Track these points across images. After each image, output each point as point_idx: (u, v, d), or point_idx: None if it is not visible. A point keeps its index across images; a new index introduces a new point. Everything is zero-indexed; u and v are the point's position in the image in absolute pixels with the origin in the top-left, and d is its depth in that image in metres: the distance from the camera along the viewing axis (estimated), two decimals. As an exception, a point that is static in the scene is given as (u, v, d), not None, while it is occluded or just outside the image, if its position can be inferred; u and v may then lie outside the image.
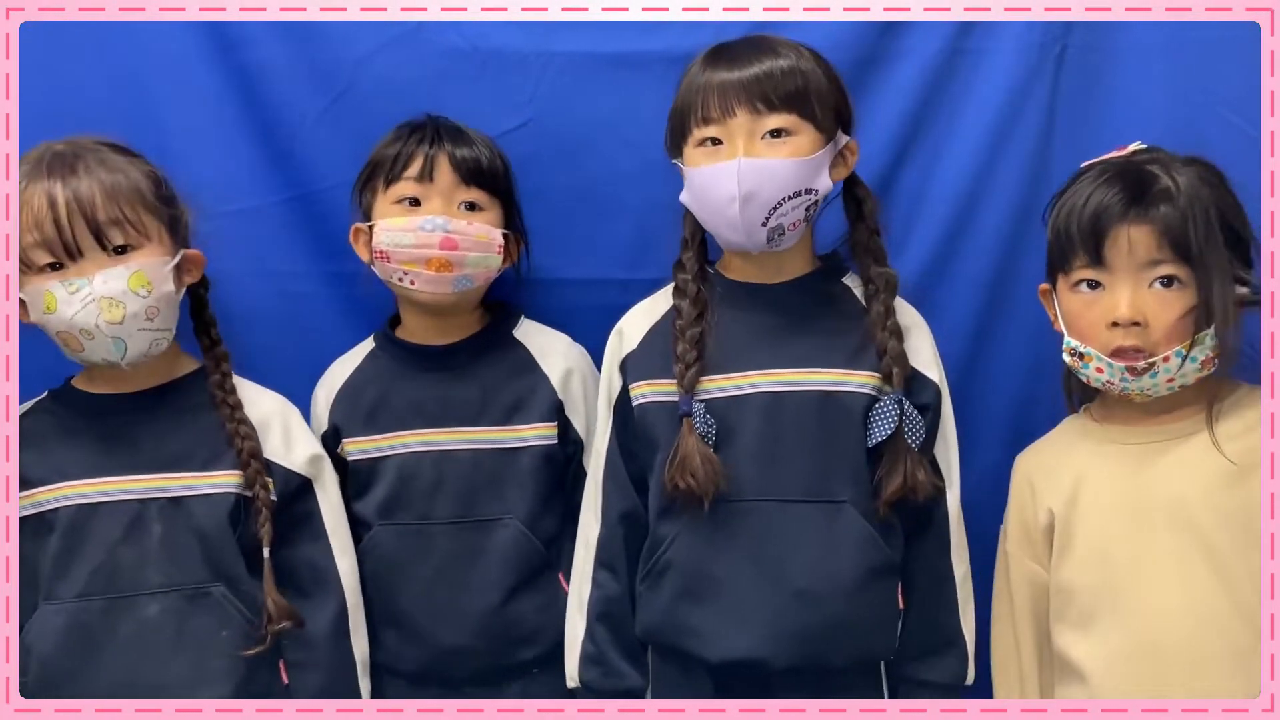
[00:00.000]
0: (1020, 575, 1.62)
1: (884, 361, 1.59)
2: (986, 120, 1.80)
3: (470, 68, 1.83)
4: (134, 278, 1.50)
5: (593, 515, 1.67)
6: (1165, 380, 1.49)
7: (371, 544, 1.71)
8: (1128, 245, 1.47)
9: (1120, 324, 1.48)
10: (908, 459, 1.56)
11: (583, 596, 1.65)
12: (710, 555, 1.57)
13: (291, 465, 1.63)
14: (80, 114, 1.79)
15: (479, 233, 1.68)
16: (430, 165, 1.67)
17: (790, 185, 1.55)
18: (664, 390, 1.61)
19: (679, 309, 1.63)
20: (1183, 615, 1.47)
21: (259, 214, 1.82)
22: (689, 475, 1.53)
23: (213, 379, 1.62)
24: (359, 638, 1.64)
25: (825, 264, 1.69)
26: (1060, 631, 1.56)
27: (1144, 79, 1.76)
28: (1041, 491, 1.59)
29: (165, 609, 1.53)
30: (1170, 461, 1.52)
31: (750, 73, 1.55)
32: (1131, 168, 1.52)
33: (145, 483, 1.56)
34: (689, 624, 1.57)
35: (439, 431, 1.72)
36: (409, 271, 1.67)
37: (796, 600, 1.54)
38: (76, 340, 1.51)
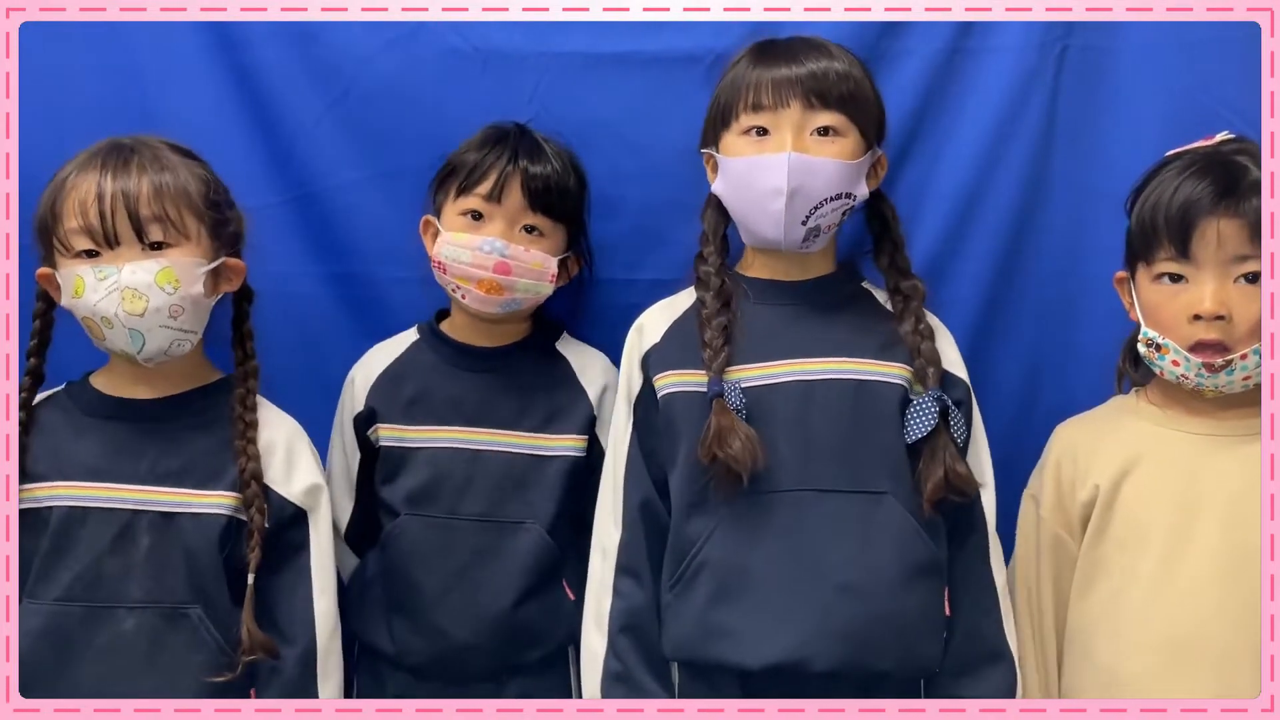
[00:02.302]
0: (1049, 542, 1.59)
1: (918, 363, 1.56)
2: (986, 120, 1.80)
3: (471, 68, 1.83)
4: (162, 273, 1.51)
5: (611, 520, 1.62)
6: (1241, 378, 1.47)
7: (397, 531, 1.71)
8: (1216, 239, 1.45)
9: (1204, 317, 1.45)
10: (948, 455, 1.52)
11: (602, 609, 1.58)
12: (746, 550, 1.51)
13: (289, 494, 1.61)
14: (81, 113, 1.81)
15: (535, 260, 1.69)
16: (501, 186, 1.68)
17: (835, 186, 1.54)
18: (691, 380, 1.57)
19: (703, 300, 1.61)
20: (1217, 613, 1.46)
21: (259, 214, 1.80)
22: (726, 447, 1.47)
23: (237, 392, 1.62)
24: (329, 684, 1.59)
25: (843, 268, 1.68)
26: (1083, 609, 1.55)
27: (1144, 79, 1.76)
28: (1087, 465, 1.57)
29: (141, 625, 1.51)
30: (1232, 457, 1.50)
31: (806, 69, 1.55)
32: (1220, 158, 1.49)
33: (140, 494, 1.54)
34: (726, 627, 1.50)
35: (475, 431, 1.73)
36: (461, 286, 1.69)
37: (839, 595, 1.48)
38: (98, 327, 1.52)
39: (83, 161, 1.54)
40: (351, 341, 1.84)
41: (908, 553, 1.51)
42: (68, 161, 1.56)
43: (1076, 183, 1.79)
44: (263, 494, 1.57)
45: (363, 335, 1.84)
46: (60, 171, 1.55)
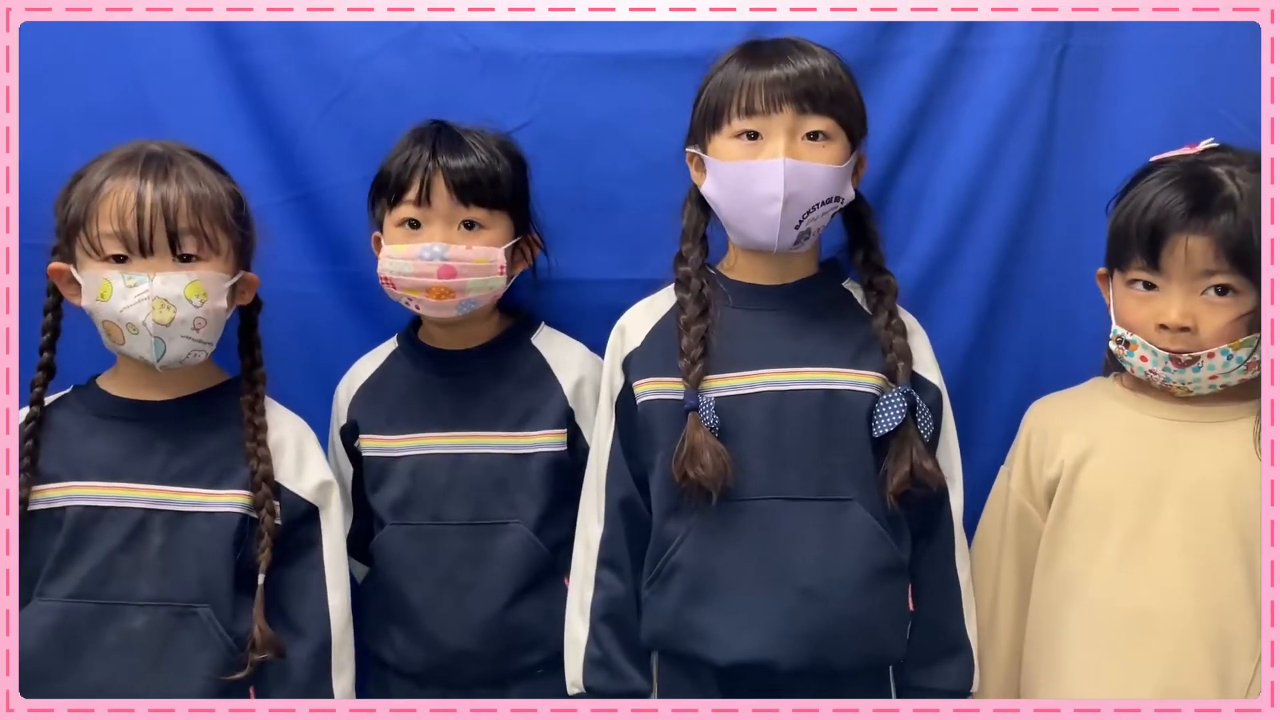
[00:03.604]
0: (1015, 514, 1.62)
1: (889, 357, 1.59)
2: (986, 120, 1.81)
3: (471, 69, 1.83)
4: (191, 286, 1.53)
5: (594, 514, 1.66)
6: (1209, 376, 1.49)
7: (384, 541, 1.72)
8: (1184, 255, 1.47)
9: (1169, 328, 1.48)
10: (913, 450, 1.56)
11: (585, 599, 1.63)
12: (717, 555, 1.56)
13: (300, 491, 1.62)
14: (80, 114, 1.81)
15: (478, 256, 1.67)
16: (427, 188, 1.66)
17: (826, 191, 1.56)
18: (669, 388, 1.60)
19: (682, 304, 1.63)
20: (1179, 593, 1.48)
21: (259, 214, 1.81)
22: (698, 466, 1.53)
23: (245, 398, 1.63)
24: (343, 676, 1.61)
25: (826, 269, 1.69)
26: (1045, 585, 1.57)
27: (1144, 79, 1.77)
28: (1056, 443, 1.60)
29: (151, 622, 1.53)
30: (1199, 442, 1.52)
31: (795, 70, 1.55)
32: (1198, 171, 1.51)
33: (154, 493, 1.56)
34: (697, 626, 1.56)
35: (453, 435, 1.72)
36: (412, 298, 1.68)
37: (803, 599, 1.53)
38: (120, 332, 1.53)
39: (117, 165, 1.55)
40: (351, 341, 1.85)
41: (871, 556, 1.56)
42: (96, 160, 1.57)
43: (1076, 183, 1.80)
44: (274, 495, 1.58)
45: (362, 335, 1.85)
46: (89, 170, 1.56)
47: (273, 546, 1.57)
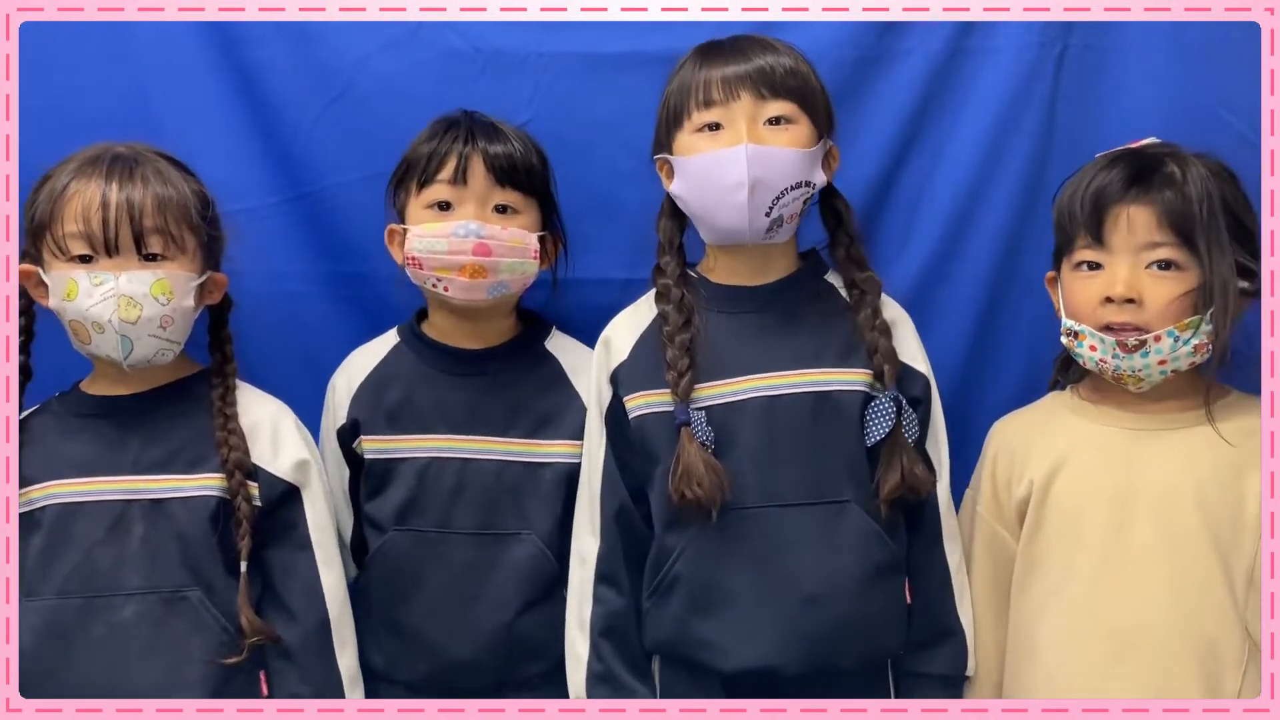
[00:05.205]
0: (986, 538, 1.62)
1: (875, 359, 1.59)
2: (986, 120, 1.81)
3: (470, 69, 1.84)
4: (157, 284, 1.53)
5: (589, 531, 1.63)
6: (1157, 361, 1.49)
7: (387, 548, 1.68)
8: (1127, 224, 1.49)
9: (1115, 300, 1.49)
10: (904, 456, 1.56)
11: (584, 615, 1.61)
12: (717, 566, 1.55)
13: (277, 471, 1.61)
14: (79, 114, 1.80)
15: (513, 238, 1.65)
16: (464, 167, 1.64)
17: (794, 175, 1.55)
18: (660, 401, 1.59)
19: (665, 315, 1.61)
20: (1158, 605, 1.48)
21: (259, 214, 1.82)
22: (695, 485, 1.52)
23: (215, 390, 1.63)
24: (346, 652, 1.61)
25: (808, 262, 1.68)
26: (1022, 606, 1.57)
27: (1144, 79, 1.77)
28: (1022, 461, 1.59)
29: (141, 611, 1.53)
30: (1163, 450, 1.53)
31: (753, 64, 1.56)
32: (1139, 154, 1.54)
33: (130, 484, 1.57)
34: (701, 637, 1.56)
35: (464, 438, 1.68)
36: (442, 278, 1.64)
37: (805, 606, 1.53)
38: (86, 331, 1.53)
39: (82, 166, 1.55)
40: (349, 342, 1.83)
41: (870, 556, 1.56)
42: (63, 162, 1.57)
43: (1076, 183, 1.80)
44: (248, 480, 1.58)
45: (360, 335, 1.83)
46: (55, 173, 1.56)
47: (252, 533, 1.56)
